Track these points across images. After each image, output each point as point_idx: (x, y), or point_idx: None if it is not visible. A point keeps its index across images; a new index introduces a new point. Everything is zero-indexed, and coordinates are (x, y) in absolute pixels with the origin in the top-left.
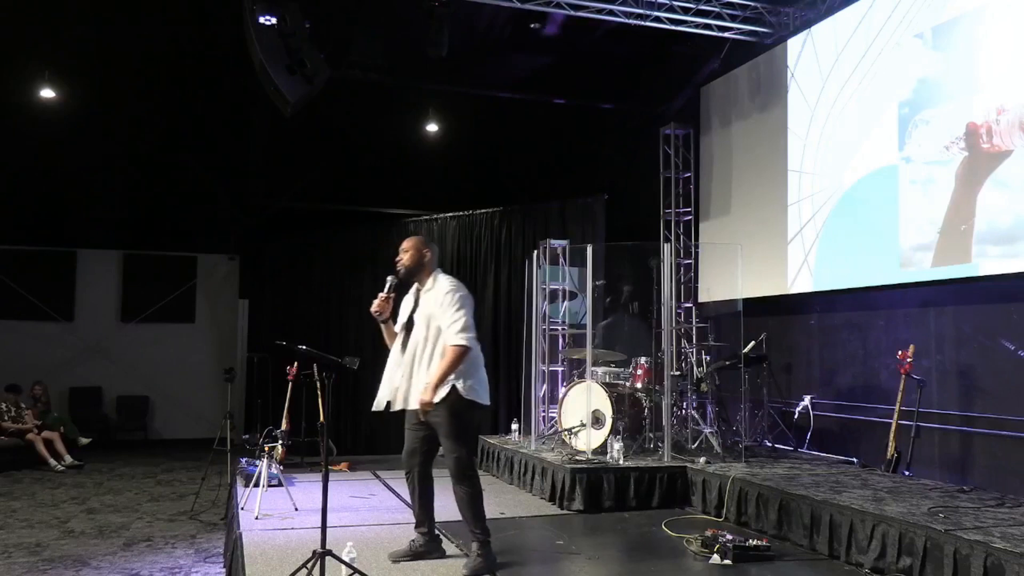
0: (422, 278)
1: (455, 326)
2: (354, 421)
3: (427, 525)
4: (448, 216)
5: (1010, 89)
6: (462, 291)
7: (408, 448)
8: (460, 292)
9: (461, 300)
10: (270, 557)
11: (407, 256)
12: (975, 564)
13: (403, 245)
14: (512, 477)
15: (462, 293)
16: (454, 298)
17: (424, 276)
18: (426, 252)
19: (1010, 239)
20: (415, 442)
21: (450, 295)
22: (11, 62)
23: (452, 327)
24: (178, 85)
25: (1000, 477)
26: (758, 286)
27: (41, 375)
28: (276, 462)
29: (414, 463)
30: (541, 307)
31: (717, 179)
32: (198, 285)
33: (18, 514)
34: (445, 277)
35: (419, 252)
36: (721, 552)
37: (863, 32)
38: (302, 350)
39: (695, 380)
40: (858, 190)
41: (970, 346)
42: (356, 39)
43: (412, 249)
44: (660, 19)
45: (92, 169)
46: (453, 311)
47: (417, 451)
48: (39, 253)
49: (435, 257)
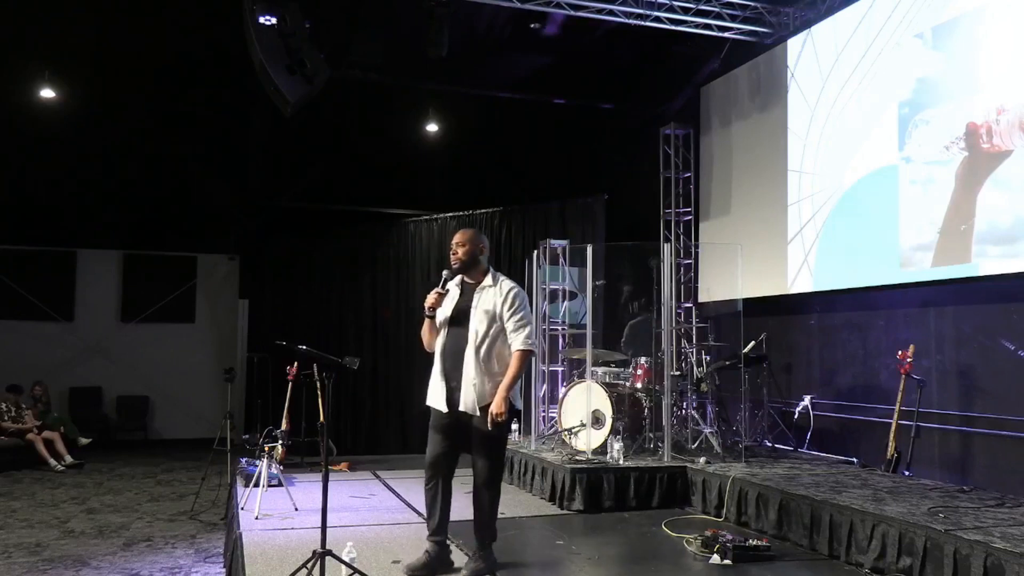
0: (475, 273)
1: (524, 331)
2: (354, 421)
3: (442, 535)
4: (448, 216)
5: (1010, 89)
6: (524, 294)
7: (434, 455)
8: (524, 295)
9: (525, 303)
10: (270, 557)
11: (463, 250)
12: (975, 564)
13: (457, 239)
14: (512, 477)
15: (525, 296)
16: (521, 301)
17: (478, 271)
18: (482, 246)
19: (1010, 239)
20: (442, 448)
21: (517, 297)
22: (11, 62)
23: (520, 332)
24: (178, 85)
25: (1000, 477)
26: (758, 286)
27: (41, 375)
28: (276, 462)
29: (439, 473)
30: (541, 307)
31: (717, 179)
32: (198, 285)
33: (18, 514)
34: (503, 276)
35: (475, 246)
36: (721, 552)
37: (863, 32)
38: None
39: (695, 380)
40: (858, 190)
41: (970, 346)
42: (356, 39)
43: (468, 243)
44: (660, 19)
45: (92, 169)
46: (522, 314)
47: (442, 460)
48: (39, 253)
49: (488, 251)
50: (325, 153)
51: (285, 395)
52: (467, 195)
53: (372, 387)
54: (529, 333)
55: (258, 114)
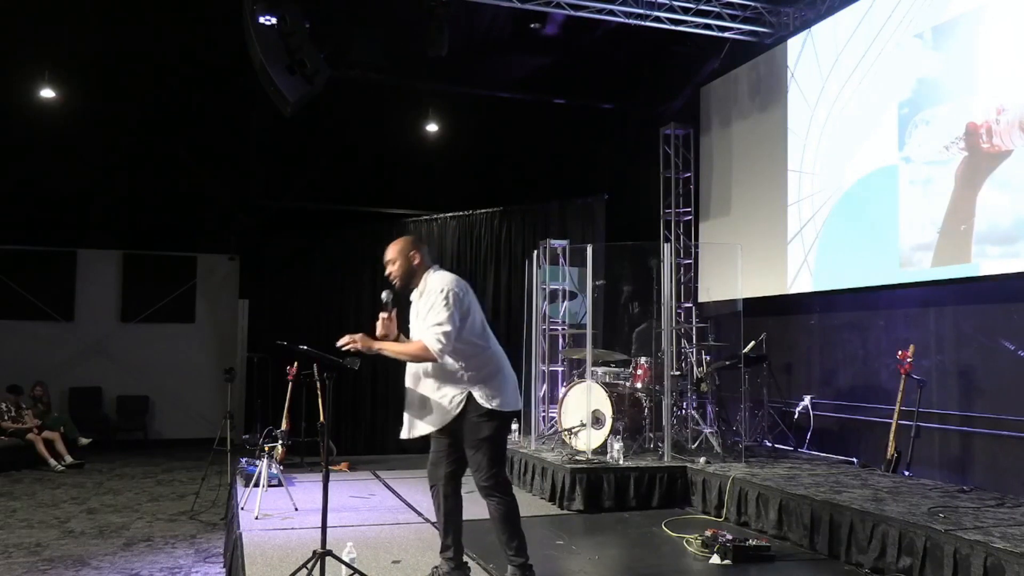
0: (416, 282)
1: (435, 331)
2: (354, 421)
3: (453, 551)
4: (448, 216)
5: (1010, 89)
6: (456, 287)
7: (432, 459)
8: (453, 292)
9: (450, 300)
10: (270, 557)
11: (395, 267)
12: (975, 564)
13: (387, 255)
14: (512, 477)
15: (455, 292)
16: (445, 298)
17: (418, 279)
18: (413, 255)
19: (1010, 239)
20: (439, 452)
21: (439, 294)
22: (11, 62)
23: (432, 330)
24: (178, 85)
25: (1000, 477)
26: (758, 286)
27: (41, 375)
28: (276, 462)
29: (438, 477)
30: (541, 307)
31: (717, 179)
32: (198, 285)
33: (18, 514)
34: (438, 275)
35: (405, 258)
36: (721, 552)
37: (863, 32)
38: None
39: (695, 380)
40: (858, 190)
41: (970, 346)
42: (356, 39)
43: (398, 257)
44: (660, 19)
45: (92, 169)
46: (438, 313)
47: (441, 463)
48: (39, 253)
49: (426, 256)
50: (325, 153)
51: (285, 395)
52: (467, 195)
53: (372, 387)
54: (441, 336)
55: (258, 114)
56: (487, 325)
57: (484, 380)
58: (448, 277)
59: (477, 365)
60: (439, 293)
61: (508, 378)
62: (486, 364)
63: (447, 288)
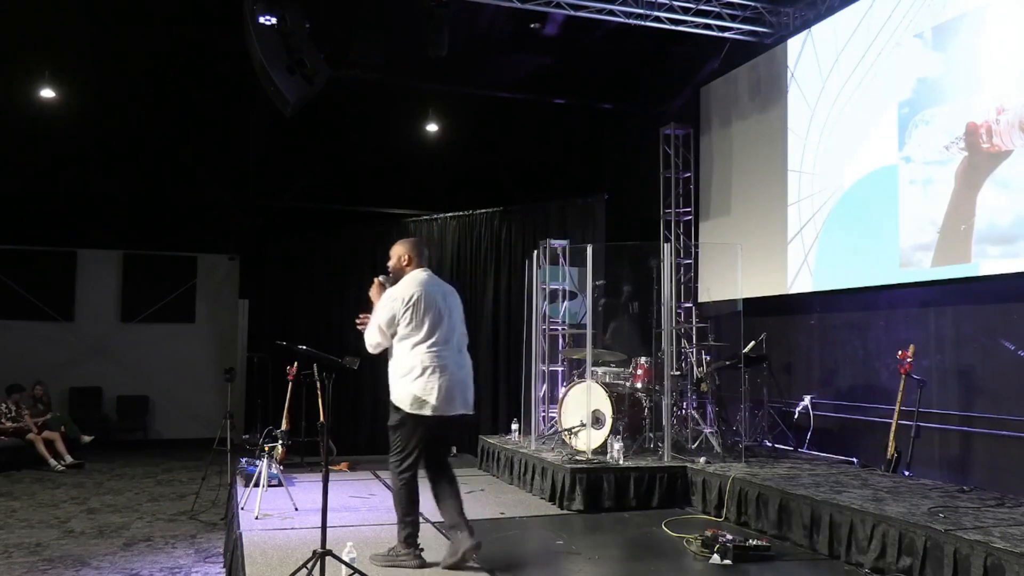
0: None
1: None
2: (354, 421)
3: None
4: (448, 216)
5: (1010, 89)
6: (395, 297)
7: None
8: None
9: (385, 303)
10: (270, 557)
11: (389, 264)
12: (975, 564)
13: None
14: (512, 477)
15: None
16: (382, 303)
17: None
18: (404, 257)
19: (1010, 239)
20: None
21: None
22: (11, 62)
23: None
24: (178, 85)
25: (1000, 477)
26: (758, 286)
27: (41, 375)
28: (276, 462)
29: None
30: (541, 307)
31: (717, 179)
32: (198, 285)
33: (18, 514)
34: (407, 278)
35: (397, 259)
36: (721, 552)
37: (863, 32)
38: (302, 350)
39: (695, 380)
40: (858, 190)
41: (970, 346)
42: (356, 39)
43: (393, 256)
44: (660, 19)
45: (92, 169)
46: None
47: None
48: (39, 253)
49: (421, 259)
50: (325, 153)
51: (285, 395)
52: (467, 195)
53: (372, 387)
54: (367, 336)
55: (258, 114)
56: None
57: (395, 381)
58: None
59: (408, 365)
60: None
61: (423, 385)
62: (398, 367)
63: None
